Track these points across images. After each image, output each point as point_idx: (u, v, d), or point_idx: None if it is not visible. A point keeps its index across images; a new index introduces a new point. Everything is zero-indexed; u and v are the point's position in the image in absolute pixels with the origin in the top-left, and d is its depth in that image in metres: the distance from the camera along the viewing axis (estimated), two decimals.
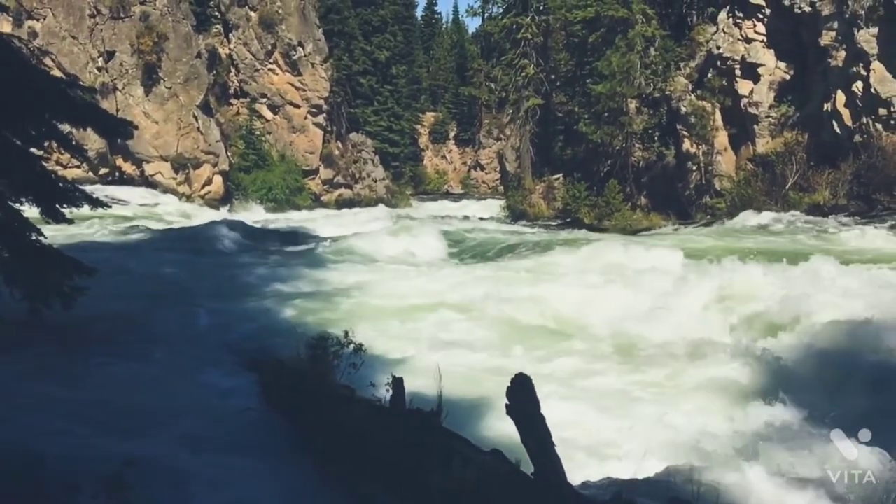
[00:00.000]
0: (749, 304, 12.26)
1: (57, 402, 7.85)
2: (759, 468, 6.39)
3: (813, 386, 8.46)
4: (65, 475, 5.01)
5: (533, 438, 5.24)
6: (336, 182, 46.99)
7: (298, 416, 7.40)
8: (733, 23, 31.81)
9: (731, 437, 7.36)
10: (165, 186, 38.23)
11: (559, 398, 8.07)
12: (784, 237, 22.16)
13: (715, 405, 8.63)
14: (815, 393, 7.93)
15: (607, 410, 8.58)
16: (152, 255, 18.68)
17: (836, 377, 8.99)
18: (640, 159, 34.49)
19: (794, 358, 9.76)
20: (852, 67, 27.23)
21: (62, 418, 7.31)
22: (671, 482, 5.72)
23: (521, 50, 41.29)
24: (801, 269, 13.63)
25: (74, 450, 6.35)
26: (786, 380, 8.98)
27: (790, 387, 8.55)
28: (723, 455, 6.97)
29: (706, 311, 12.40)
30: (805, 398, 7.88)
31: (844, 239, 20.30)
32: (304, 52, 43.85)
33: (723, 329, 11.50)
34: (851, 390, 8.39)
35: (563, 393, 8.70)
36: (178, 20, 38.73)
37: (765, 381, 9.23)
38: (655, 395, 9.20)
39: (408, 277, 16.39)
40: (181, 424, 7.40)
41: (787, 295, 11.97)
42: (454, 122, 72.48)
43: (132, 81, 37.98)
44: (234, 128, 42.72)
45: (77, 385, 8.57)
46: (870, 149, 26.39)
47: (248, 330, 11.57)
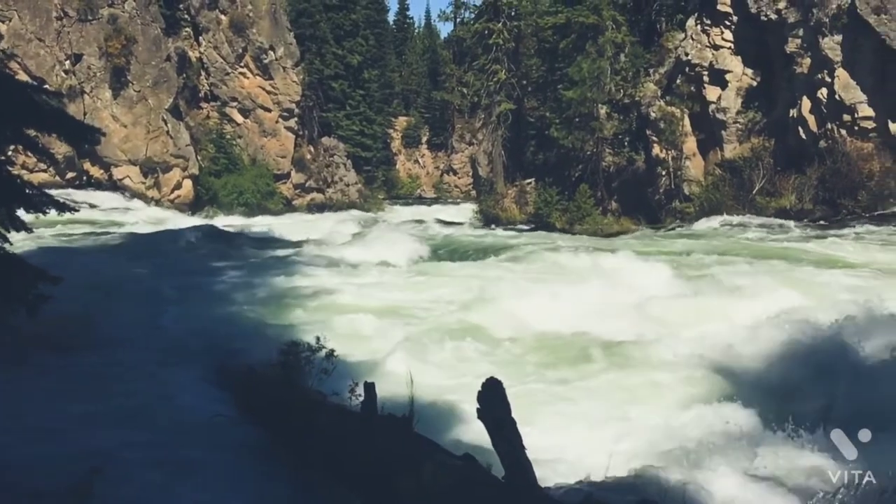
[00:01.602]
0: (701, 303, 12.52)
1: (21, 409, 7.73)
2: (723, 467, 6.49)
3: (771, 385, 8.60)
4: (30, 482, 4.95)
5: (504, 442, 5.27)
6: (308, 186, 46.80)
7: (270, 422, 7.37)
8: (701, 30, 32.26)
9: (695, 437, 7.45)
10: (134, 191, 37.79)
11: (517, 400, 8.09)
12: (746, 240, 22.58)
13: (674, 405, 8.72)
14: (773, 392, 8.07)
15: (564, 413, 8.63)
16: (120, 260, 18.47)
17: (790, 375, 9.19)
18: (611, 164, 34.79)
19: (751, 357, 9.94)
20: (817, 74, 27.75)
21: (27, 425, 7.21)
22: (639, 483, 5.79)
23: (492, 55, 41.43)
24: (755, 268, 13.92)
25: (40, 457, 6.27)
26: (744, 380, 9.12)
27: (748, 387, 8.69)
28: (687, 455, 7.06)
29: (658, 310, 12.60)
30: (763, 397, 8.02)
31: (799, 243, 20.85)
32: (275, 56, 43.63)
33: (677, 329, 11.61)
34: (807, 388, 8.56)
35: (522, 396, 8.72)
36: (147, 23, 38.35)
37: (724, 382, 9.37)
38: (614, 396, 9.25)
39: (379, 282, 16.36)
40: (150, 431, 7.33)
41: (740, 295, 12.21)
42: (427, 126, 72.58)
43: (100, 84, 37.52)
44: (204, 132, 42.35)
45: (43, 392, 8.45)
46: (834, 154, 26.90)
47: (217, 336, 11.46)
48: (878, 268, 15.78)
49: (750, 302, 12.14)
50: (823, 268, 15.78)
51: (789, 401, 7.61)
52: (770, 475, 6.47)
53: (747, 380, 8.97)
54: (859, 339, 9.69)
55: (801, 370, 9.42)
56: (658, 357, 10.31)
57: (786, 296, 12.29)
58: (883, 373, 8.93)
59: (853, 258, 17.47)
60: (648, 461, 6.66)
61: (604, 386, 9.62)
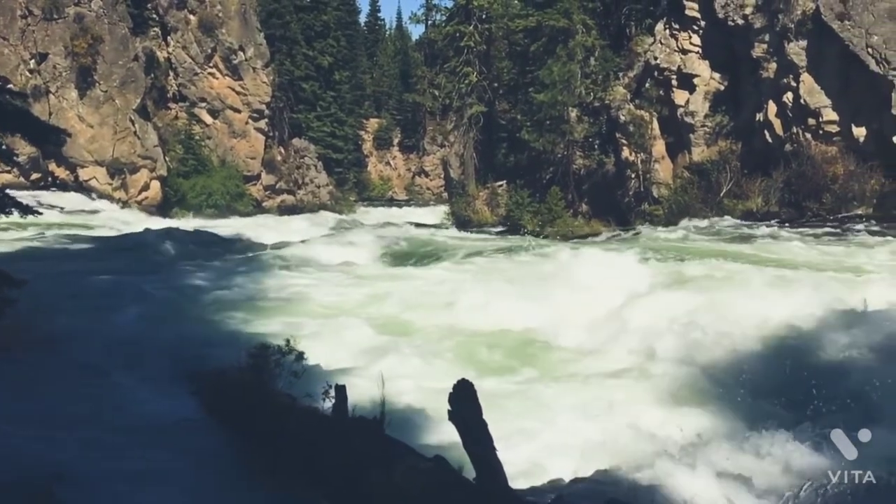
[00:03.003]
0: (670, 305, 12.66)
1: None
2: (692, 467, 6.56)
3: (738, 386, 8.71)
4: None
5: (475, 444, 5.28)
6: (278, 188, 46.47)
7: (239, 425, 7.30)
8: (670, 34, 32.63)
9: (663, 436, 7.53)
10: (101, 192, 37.23)
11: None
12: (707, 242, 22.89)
13: (642, 405, 8.80)
14: (740, 393, 8.18)
15: (535, 415, 8.67)
16: (86, 263, 18.17)
17: (758, 377, 9.34)
18: (581, 167, 35.03)
19: (719, 359, 10.08)
20: (783, 79, 28.21)
21: None
22: (609, 484, 5.83)
23: (464, 58, 41.51)
24: (725, 272, 14.11)
25: (2, 463, 6.13)
26: (712, 380, 9.24)
27: (717, 386, 8.80)
28: (657, 455, 7.13)
29: (627, 313, 12.72)
30: (731, 397, 8.13)
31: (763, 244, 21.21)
32: (244, 57, 43.29)
33: (647, 330, 11.72)
34: (776, 387, 8.69)
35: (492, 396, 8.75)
36: (115, 22, 37.82)
37: (693, 384, 9.47)
38: (582, 398, 9.30)
39: (349, 284, 16.30)
40: (117, 436, 7.20)
41: (711, 298, 12.38)
42: (398, 128, 72.41)
43: (66, 84, 36.93)
44: (172, 132, 41.86)
45: (7, 396, 8.28)
46: (800, 157, 27.35)
47: (186, 339, 11.33)
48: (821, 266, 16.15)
49: (712, 302, 12.32)
50: (789, 269, 16.03)
51: (758, 400, 7.72)
52: (738, 474, 6.55)
53: (715, 379, 9.07)
54: (823, 336, 9.88)
55: (769, 369, 9.57)
56: (624, 357, 10.39)
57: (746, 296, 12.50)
58: (849, 369, 9.11)
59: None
60: (618, 462, 6.71)
61: (572, 386, 9.67)
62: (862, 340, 9.81)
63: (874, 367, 9.09)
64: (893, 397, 8.11)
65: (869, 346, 9.58)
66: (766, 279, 14.22)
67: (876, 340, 9.66)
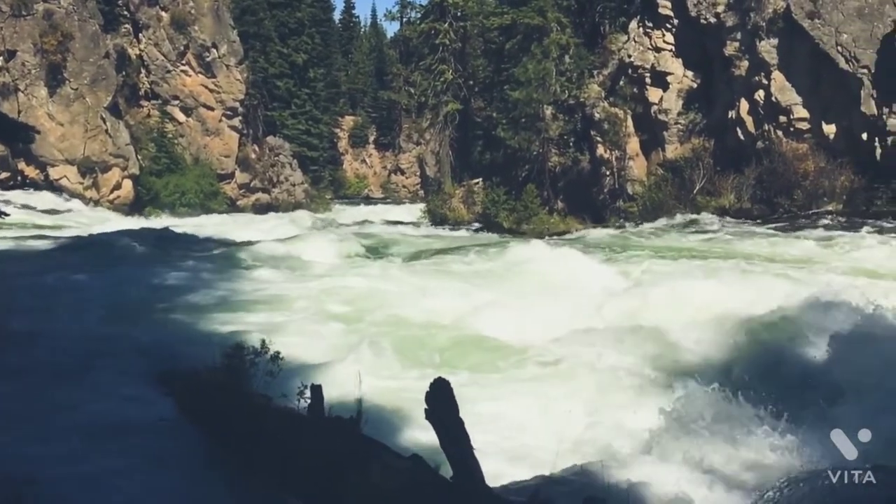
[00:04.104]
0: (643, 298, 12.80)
1: None
2: (665, 461, 6.61)
3: (715, 379, 8.78)
4: None
5: (452, 443, 5.26)
6: (253, 186, 46.14)
7: (214, 426, 7.22)
8: (643, 32, 32.86)
9: (640, 432, 7.57)
10: (71, 191, 36.73)
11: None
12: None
13: (618, 401, 8.84)
14: (718, 386, 8.24)
15: (510, 410, 8.68)
16: (57, 264, 17.87)
17: (735, 369, 9.45)
18: (557, 164, 35.18)
19: (693, 352, 10.17)
20: (754, 76, 28.55)
21: None
22: (585, 480, 5.85)
23: (439, 55, 41.49)
24: (692, 264, 14.30)
25: None
26: (683, 375, 9.32)
27: (693, 381, 8.87)
28: (631, 450, 7.17)
29: (596, 306, 12.81)
30: (708, 391, 8.19)
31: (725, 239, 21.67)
32: (218, 54, 42.90)
33: (618, 324, 11.80)
34: (752, 381, 8.77)
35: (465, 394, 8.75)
36: (85, 19, 37.31)
37: (663, 377, 9.55)
38: (554, 392, 9.33)
39: (324, 283, 16.20)
40: (89, 439, 7.08)
41: (681, 290, 12.53)
42: (374, 126, 72.25)
43: (35, 82, 36.35)
44: (144, 130, 41.40)
45: None
46: (771, 154, 27.72)
47: (159, 340, 11.17)
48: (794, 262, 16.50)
49: (685, 297, 12.45)
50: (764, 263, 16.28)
51: (735, 394, 7.78)
52: (715, 470, 6.60)
53: (691, 374, 9.14)
54: (799, 330, 10.02)
55: (745, 363, 9.67)
56: (599, 354, 10.43)
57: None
58: (826, 361, 9.24)
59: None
60: (595, 457, 6.74)
61: (548, 383, 9.69)
62: (822, 329, 10.00)
63: (834, 357, 9.25)
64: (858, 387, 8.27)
65: (826, 334, 9.75)
66: (727, 271, 14.58)
67: (833, 329, 9.84)
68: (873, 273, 15.40)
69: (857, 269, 15.89)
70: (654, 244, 22.28)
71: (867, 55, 25.83)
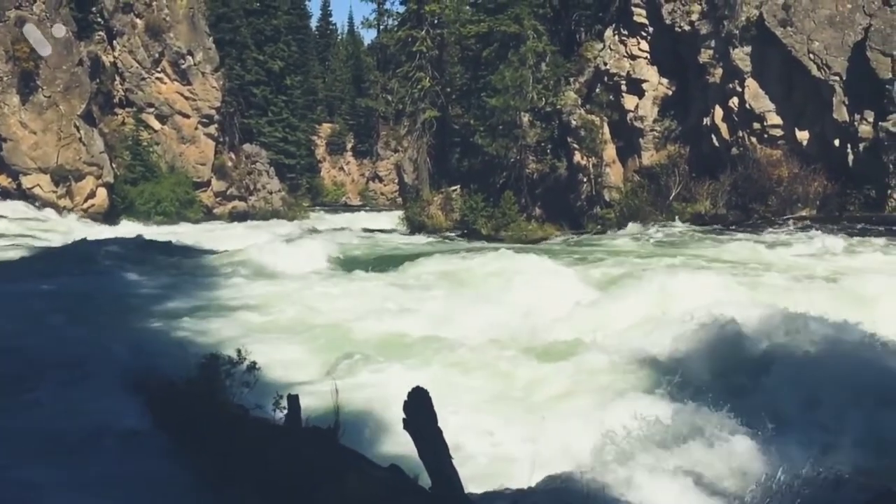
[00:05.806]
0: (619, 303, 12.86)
1: None
2: (646, 468, 6.61)
3: (692, 384, 8.83)
4: None
5: (430, 452, 5.23)
6: (229, 194, 45.81)
7: (189, 438, 7.12)
8: (619, 40, 33.12)
9: (618, 438, 7.56)
10: (45, 200, 36.25)
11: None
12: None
13: (597, 407, 8.84)
14: (695, 391, 8.29)
15: (488, 417, 8.65)
16: (28, 274, 17.60)
17: (712, 374, 9.51)
18: (534, 171, 35.31)
19: (668, 357, 10.22)
20: (729, 84, 28.85)
21: None
22: (563, 487, 5.83)
23: (416, 63, 41.48)
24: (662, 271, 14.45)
25: None
26: (660, 380, 9.35)
27: (671, 387, 8.90)
28: (611, 457, 7.17)
29: (574, 311, 12.86)
30: (685, 397, 8.22)
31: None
32: (193, 61, 42.60)
33: (591, 329, 11.84)
34: (731, 386, 8.83)
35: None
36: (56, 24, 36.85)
37: (640, 383, 9.58)
38: (535, 398, 9.32)
39: (303, 292, 16.09)
40: (59, 451, 6.93)
41: (658, 295, 12.59)
42: (351, 133, 72.15)
43: (7, 90, 35.87)
44: (119, 138, 40.99)
45: None
46: (745, 161, 28.00)
47: (131, 349, 10.97)
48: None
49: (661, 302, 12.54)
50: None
51: (714, 399, 7.82)
52: (693, 475, 6.61)
53: (668, 380, 9.17)
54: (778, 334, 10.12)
55: (722, 367, 9.74)
56: (577, 359, 10.44)
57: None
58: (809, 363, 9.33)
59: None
60: (573, 464, 6.72)
61: (527, 389, 9.67)
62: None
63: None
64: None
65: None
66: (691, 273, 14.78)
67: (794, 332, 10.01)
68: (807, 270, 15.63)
69: (792, 267, 16.10)
70: (611, 248, 22.39)
71: (839, 62, 26.21)
